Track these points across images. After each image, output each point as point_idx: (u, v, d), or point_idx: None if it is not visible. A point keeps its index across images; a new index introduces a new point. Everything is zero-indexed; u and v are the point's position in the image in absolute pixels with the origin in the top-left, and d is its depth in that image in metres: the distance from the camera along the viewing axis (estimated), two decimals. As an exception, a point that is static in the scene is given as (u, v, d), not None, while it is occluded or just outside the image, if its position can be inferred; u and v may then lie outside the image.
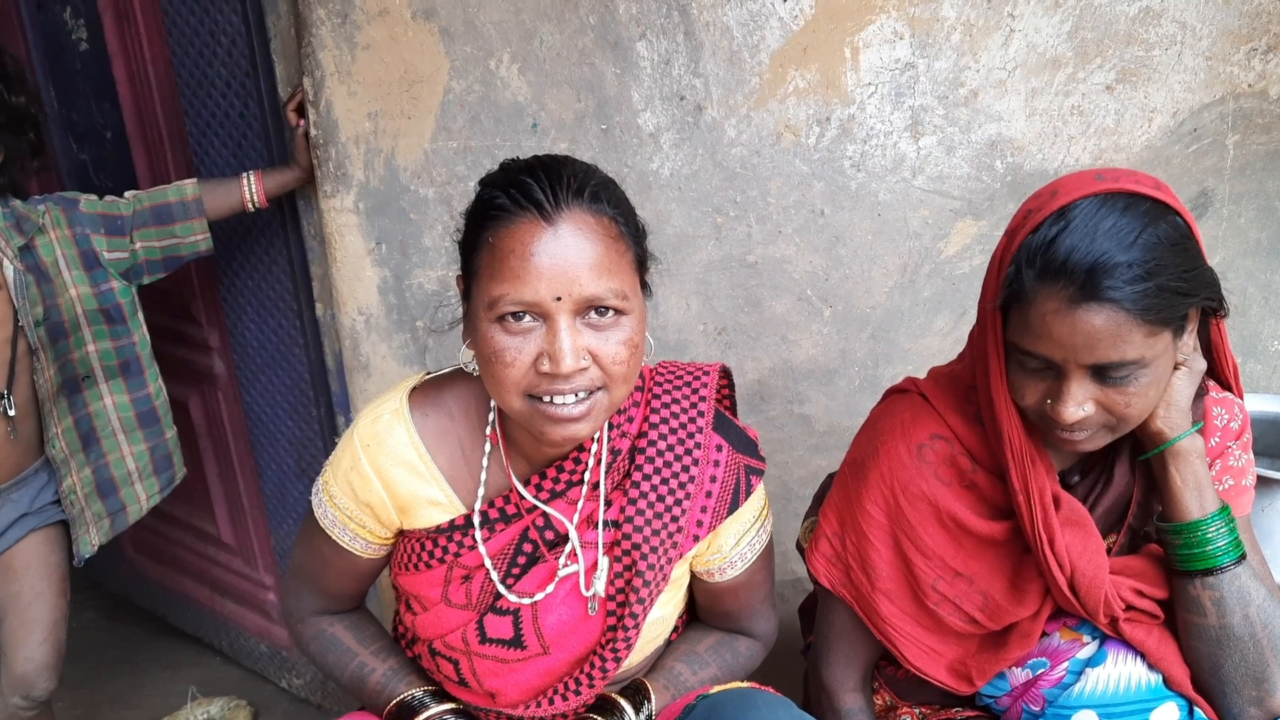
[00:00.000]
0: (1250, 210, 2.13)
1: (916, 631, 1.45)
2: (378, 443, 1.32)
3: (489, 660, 1.36)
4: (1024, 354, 1.23)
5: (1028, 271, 1.19)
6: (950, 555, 1.41)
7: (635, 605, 1.31)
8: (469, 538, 1.34)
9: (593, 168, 1.22)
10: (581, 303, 1.13)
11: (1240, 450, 1.44)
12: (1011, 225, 1.27)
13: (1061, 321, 1.16)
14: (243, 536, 2.87)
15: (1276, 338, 2.25)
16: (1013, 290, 1.21)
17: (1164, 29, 1.96)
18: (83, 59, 2.57)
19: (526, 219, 1.13)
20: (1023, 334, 1.22)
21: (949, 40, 1.95)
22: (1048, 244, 1.17)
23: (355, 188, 2.08)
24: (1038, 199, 1.25)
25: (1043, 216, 1.19)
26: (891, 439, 1.42)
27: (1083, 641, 1.42)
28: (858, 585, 1.47)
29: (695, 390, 1.38)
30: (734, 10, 1.93)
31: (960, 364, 1.48)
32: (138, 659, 3.15)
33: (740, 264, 2.11)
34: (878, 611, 1.45)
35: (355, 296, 2.17)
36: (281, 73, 2.13)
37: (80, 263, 2.07)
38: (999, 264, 1.26)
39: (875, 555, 1.44)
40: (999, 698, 1.49)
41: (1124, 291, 1.13)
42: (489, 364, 1.17)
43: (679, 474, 1.32)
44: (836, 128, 2.01)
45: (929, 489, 1.39)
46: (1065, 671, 1.41)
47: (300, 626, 1.52)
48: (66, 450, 2.16)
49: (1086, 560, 1.32)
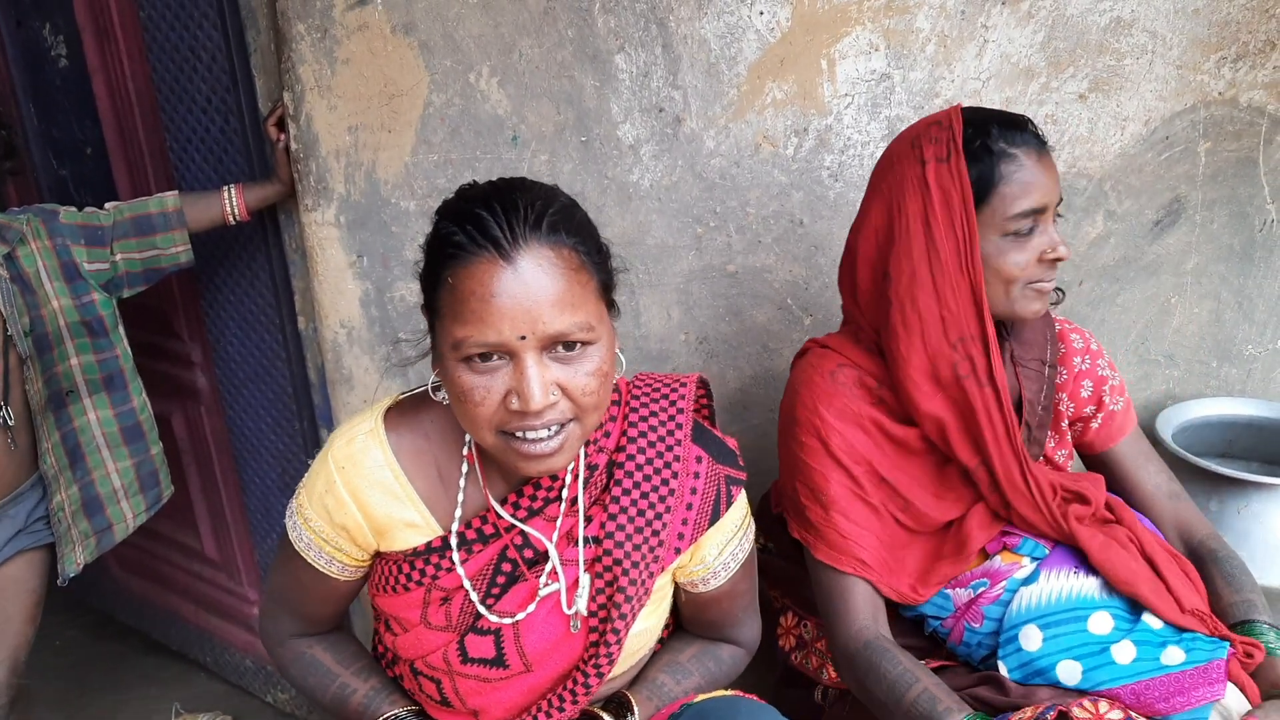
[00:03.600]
0: (1223, 216, 2.16)
1: (872, 542, 1.56)
2: (353, 464, 1.31)
3: (471, 680, 1.35)
4: (1018, 219, 1.44)
5: (982, 153, 1.44)
6: (876, 459, 1.57)
7: (618, 621, 1.30)
8: (446, 559, 1.32)
9: (552, 191, 1.20)
10: (546, 340, 1.12)
11: (1109, 368, 1.72)
12: (919, 155, 1.48)
13: (1036, 167, 1.45)
14: (227, 551, 2.86)
15: (1250, 342, 2.28)
16: (985, 173, 1.44)
17: (1135, 39, 1.99)
18: (62, 75, 2.57)
19: (485, 258, 1.10)
20: (1014, 202, 1.44)
21: (924, 51, 1.97)
22: (995, 130, 1.45)
23: (336, 201, 2.09)
24: (917, 133, 1.51)
25: (949, 128, 1.45)
26: (806, 376, 1.62)
27: (1021, 563, 1.56)
28: (816, 523, 1.58)
29: (673, 402, 1.37)
30: (711, 23, 1.95)
31: (842, 332, 1.70)
32: (122, 676, 3.12)
33: (721, 274, 2.12)
34: (836, 529, 1.55)
35: (337, 310, 2.17)
36: (262, 87, 2.14)
37: (61, 274, 2.06)
38: (956, 180, 1.44)
39: (820, 479, 1.57)
40: (944, 619, 1.60)
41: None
42: (459, 402, 1.17)
43: (658, 487, 1.31)
44: (814, 138, 2.03)
45: (848, 400, 1.58)
46: (1003, 590, 1.54)
47: (279, 650, 1.51)
48: (56, 467, 2.14)
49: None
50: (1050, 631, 1.45)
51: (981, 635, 1.55)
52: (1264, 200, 2.15)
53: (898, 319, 1.51)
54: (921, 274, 1.48)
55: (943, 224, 1.45)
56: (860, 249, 1.58)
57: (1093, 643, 1.43)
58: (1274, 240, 2.18)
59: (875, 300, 1.57)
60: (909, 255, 1.48)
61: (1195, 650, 1.39)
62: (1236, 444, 2.24)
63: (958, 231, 1.45)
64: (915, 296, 1.49)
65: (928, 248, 1.47)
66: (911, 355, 1.51)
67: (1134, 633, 1.42)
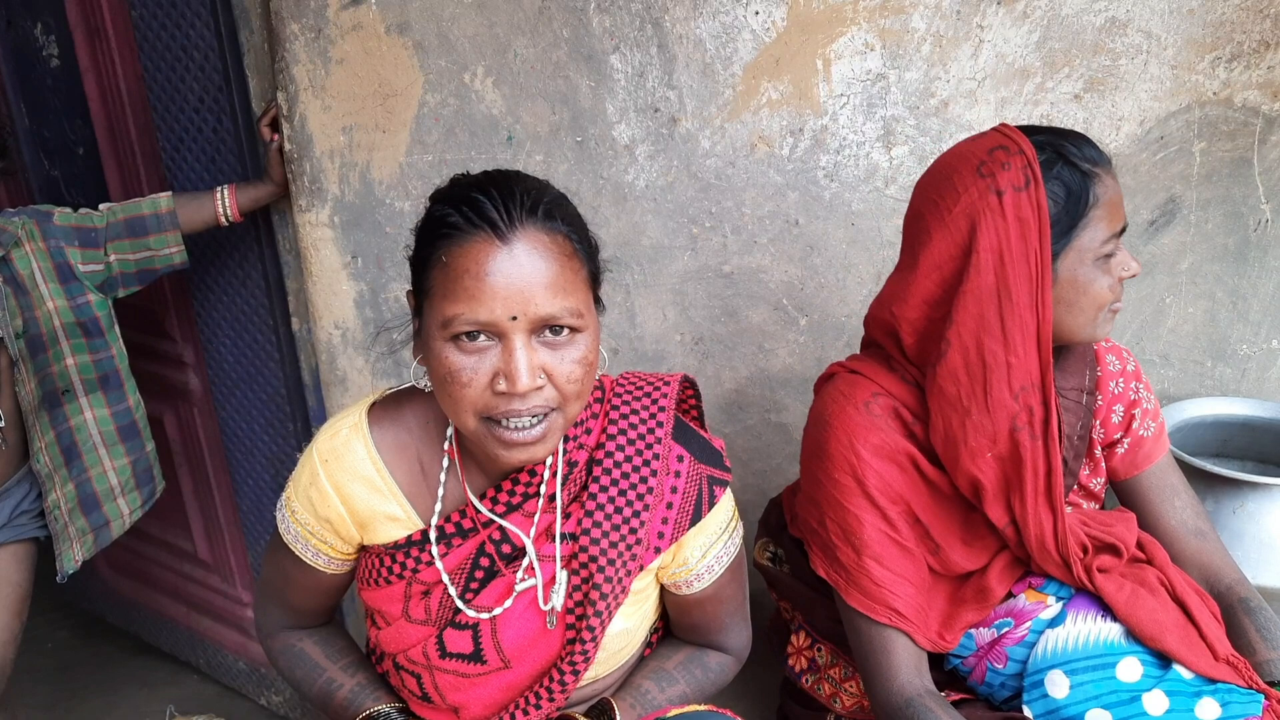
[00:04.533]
0: (1217, 216, 2.16)
1: (908, 591, 1.46)
2: (336, 458, 1.32)
3: (450, 675, 1.35)
4: (1112, 240, 1.37)
5: (1072, 175, 1.35)
6: (912, 498, 1.47)
7: (593, 619, 1.30)
8: (426, 553, 1.33)
9: (545, 183, 1.21)
10: (537, 322, 1.12)
11: (1145, 390, 1.61)
12: (993, 185, 1.35)
13: (1115, 184, 1.37)
14: (219, 553, 2.85)
15: (1245, 341, 2.28)
16: (1078, 196, 1.35)
17: (1130, 39, 1.99)
18: (54, 75, 2.55)
19: (480, 237, 1.11)
20: (1108, 224, 1.37)
21: (919, 51, 1.97)
22: (1073, 150, 1.36)
23: (330, 202, 2.08)
24: (979, 158, 1.38)
25: (1020, 152, 1.35)
26: (838, 407, 1.50)
27: (1047, 603, 1.47)
28: (847, 565, 1.48)
29: (655, 400, 1.37)
30: (706, 23, 1.95)
31: (869, 355, 1.59)
32: (113, 678, 3.11)
33: (716, 274, 2.12)
34: (870, 577, 1.46)
35: (331, 310, 2.17)
36: (255, 87, 2.13)
37: (56, 275, 2.06)
38: (1035, 212, 1.33)
39: (854, 521, 1.46)
40: (965, 658, 1.53)
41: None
42: (444, 384, 1.16)
43: (637, 485, 1.31)
44: (809, 138, 2.03)
45: (884, 435, 1.46)
46: (1028, 631, 1.46)
47: (270, 642, 1.52)
48: (50, 465, 2.14)
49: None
50: (1077, 678, 1.39)
51: (1005, 676, 1.49)
52: (1258, 200, 2.15)
53: (958, 363, 1.38)
54: (990, 316, 1.35)
55: (1018, 259, 1.33)
56: (917, 287, 1.43)
57: (1122, 690, 1.36)
58: (1268, 240, 2.19)
59: (927, 340, 1.45)
60: (977, 295, 1.35)
61: (1231, 704, 1.34)
62: (1231, 444, 2.24)
63: (1032, 267, 1.33)
64: (981, 341, 1.36)
65: (998, 286, 1.34)
66: (972, 407, 1.38)
67: (1165, 681, 1.36)
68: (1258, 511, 1.92)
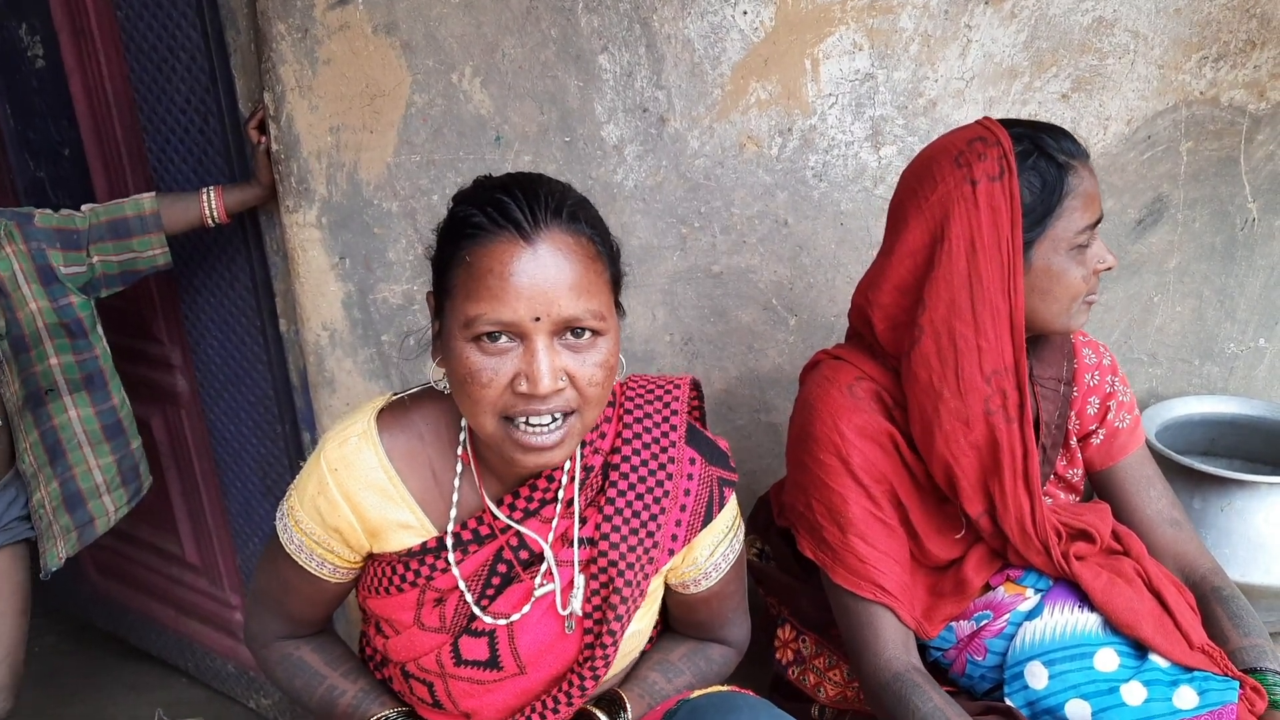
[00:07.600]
0: (1204, 215, 2.17)
1: (894, 568, 1.49)
2: (346, 466, 1.30)
3: (464, 682, 1.34)
4: (1085, 231, 1.40)
5: (1047, 166, 1.38)
6: (895, 480, 1.50)
7: (613, 622, 1.30)
8: (441, 560, 1.31)
9: (568, 186, 1.21)
10: (560, 323, 1.12)
11: (1121, 383, 1.65)
12: (969, 175, 1.38)
13: (1091, 176, 1.40)
14: (208, 556, 2.84)
15: (1232, 340, 2.29)
16: (1052, 186, 1.38)
17: (1117, 38, 2.00)
18: (39, 76, 2.54)
19: (504, 238, 1.11)
20: (1082, 214, 1.39)
21: (907, 51, 1.97)
22: (1049, 142, 1.39)
23: (318, 202, 2.07)
24: (959, 149, 1.42)
25: (997, 144, 1.38)
26: (822, 390, 1.54)
27: (1025, 596, 1.51)
28: (833, 544, 1.50)
29: (667, 404, 1.37)
30: (695, 23, 1.95)
31: (852, 344, 1.63)
32: (102, 682, 3.09)
33: (705, 274, 2.12)
34: (855, 554, 1.48)
35: (319, 312, 2.16)
36: (242, 88, 2.12)
37: (38, 277, 2.05)
38: (1008, 201, 1.36)
39: (839, 500, 1.50)
40: (946, 650, 1.56)
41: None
42: (464, 384, 1.15)
43: (653, 489, 1.32)
44: (798, 138, 2.03)
45: (867, 416, 1.50)
46: (1006, 623, 1.49)
47: (265, 651, 1.50)
48: (35, 465, 2.14)
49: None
50: (1056, 669, 1.41)
51: (985, 669, 1.51)
52: (1245, 199, 2.16)
53: (930, 348, 1.42)
54: (961, 301, 1.39)
55: (989, 246, 1.37)
56: (890, 273, 1.48)
57: (1100, 680, 1.38)
58: (1255, 239, 2.20)
59: (900, 327, 1.49)
60: (949, 281, 1.39)
61: (1208, 692, 1.35)
62: (1219, 442, 2.25)
63: (1003, 254, 1.37)
64: (953, 325, 1.40)
65: (969, 272, 1.38)
66: (944, 390, 1.42)
67: (1142, 672, 1.38)
68: (1245, 509, 1.92)
